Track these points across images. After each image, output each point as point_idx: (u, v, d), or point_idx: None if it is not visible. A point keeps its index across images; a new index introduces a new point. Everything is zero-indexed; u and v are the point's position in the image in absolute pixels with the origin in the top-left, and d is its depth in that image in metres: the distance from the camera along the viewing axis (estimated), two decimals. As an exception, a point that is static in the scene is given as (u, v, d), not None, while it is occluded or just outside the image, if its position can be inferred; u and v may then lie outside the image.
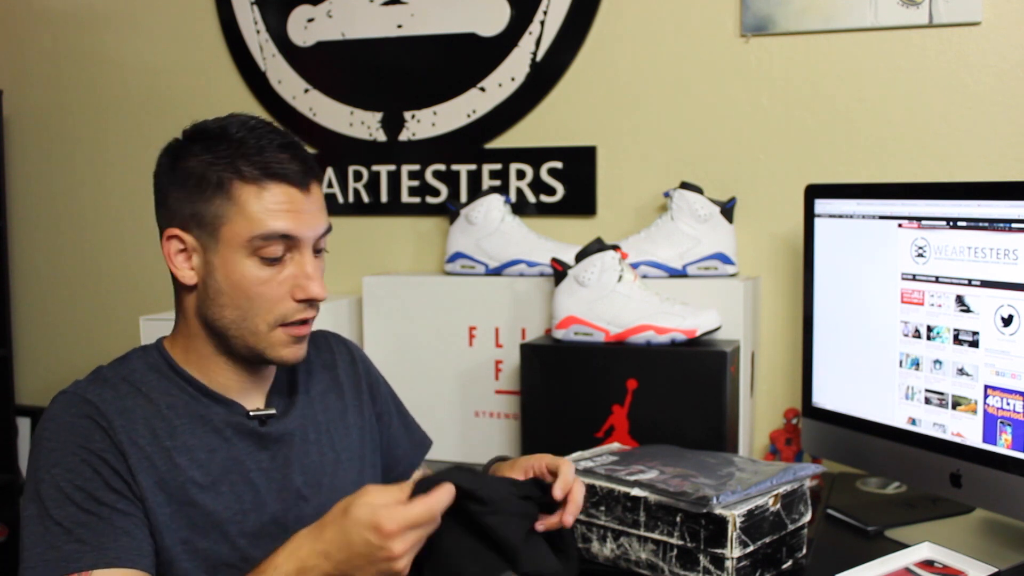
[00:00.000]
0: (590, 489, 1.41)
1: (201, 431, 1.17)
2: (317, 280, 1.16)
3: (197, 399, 1.18)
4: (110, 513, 1.08)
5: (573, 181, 2.08)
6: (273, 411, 1.23)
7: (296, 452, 1.23)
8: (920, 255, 1.50)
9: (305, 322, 1.18)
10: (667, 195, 1.91)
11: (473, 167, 2.16)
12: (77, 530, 1.06)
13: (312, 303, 1.17)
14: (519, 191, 2.12)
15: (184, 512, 1.13)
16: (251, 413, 1.21)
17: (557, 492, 1.13)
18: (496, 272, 1.99)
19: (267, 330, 1.15)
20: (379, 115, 2.22)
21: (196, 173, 1.13)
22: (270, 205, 1.12)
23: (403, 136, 2.21)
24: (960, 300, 1.44)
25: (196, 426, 1.17)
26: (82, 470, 1.09)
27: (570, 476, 1.14)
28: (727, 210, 1.87)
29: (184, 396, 1.18)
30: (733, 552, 1.29)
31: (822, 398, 1.69)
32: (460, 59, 2.15)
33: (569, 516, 1.13)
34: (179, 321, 1.21)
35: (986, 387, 1.42)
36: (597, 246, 1.76)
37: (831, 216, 1.65)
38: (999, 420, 1.40)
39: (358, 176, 2.25)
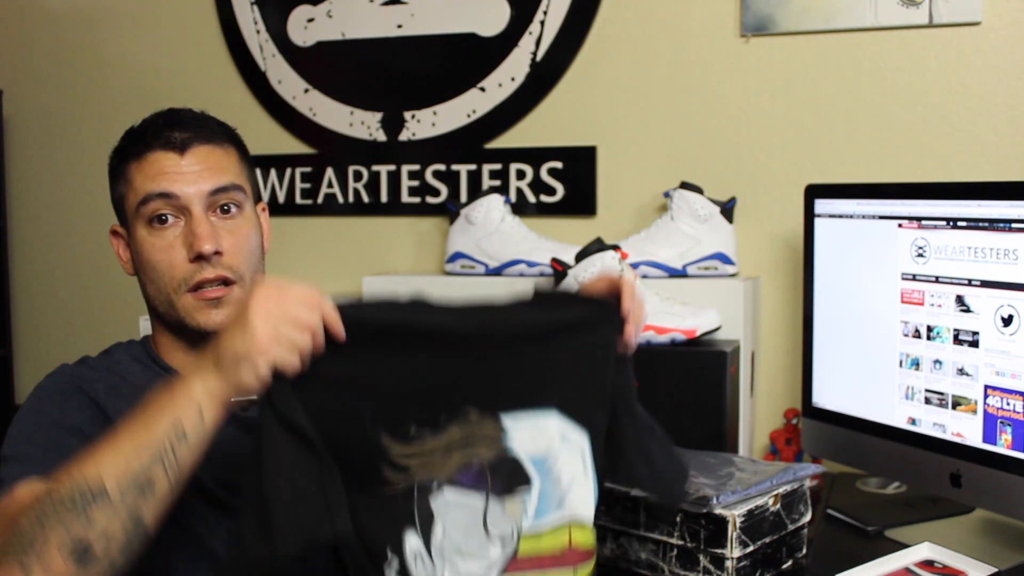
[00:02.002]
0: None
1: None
2: (206, 236, 1.16)
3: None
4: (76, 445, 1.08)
5: (573, 181, 2.08)
6: (254, 397, 1.23)
7: None
8: (920, 255, 1.50)
9: (214, 284, 1.17)
10: (667, 195, 1.91)
11: (473, 167, 2.16)
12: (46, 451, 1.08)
13: (205, 259, 1.16)
14: (519, 191, 2.12)
15: None
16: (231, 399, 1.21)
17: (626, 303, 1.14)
18: (496, 272, 1.99)
19: (177, 297, 1.18)
20: (379, 115, 2.22)
21: (111, 167, 1.23)
22: (148, 171, 1.18)
23: (403, 136, 2.21)
24: (960, 300, 1.44)
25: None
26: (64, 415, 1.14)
27: (628, 292, 1.15)
28: (727, 210, 1.87)
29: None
30: (733, 552, 1.29)
31: (822, 398, 1.69)
32: (460, 59, 2.15)
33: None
34: (151, 322, 1.27)
35: (986, 387, 1.42)
36: (597, 246, 1.76)
37: (831, 216, 1.65)
38: (999, 420, 1.40)
39: (358, 176, 2.25)
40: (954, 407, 1.46)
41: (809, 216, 1.69)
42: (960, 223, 1.44)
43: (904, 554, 1.35)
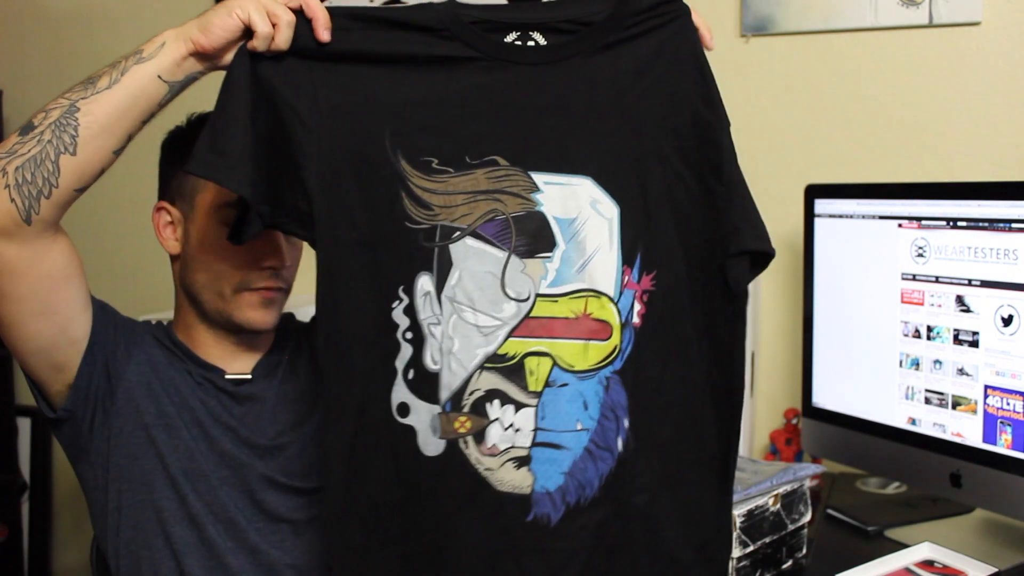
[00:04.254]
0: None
1: (183, 378, 1.26)
2: (285, 254, 1.23)
3: (184, 361, 1.27)
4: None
5: (573, 181, 2.08)
6: (249, 376, 1.29)
7: (270, 410, 1.28)
8: (920, 255, 1.50)
9: (271, 288, 1.25)
10: (667, 195, 1.91)
11: (473, 167, 2.15)
12: None
13: (274, 271, 1.24)
14: (519, 191, 2.12)
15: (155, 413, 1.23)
16: (226, 376, 1.28)
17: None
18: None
19: (232, 294, 1.24)
20: (379, 115, 2.22)
21: (180, 151, 1.25)
22: None
23: (403, 136, 2.20)
24: (960, 300, 1.44)
25: (180, 375, 1.26)
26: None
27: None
28: (727, 210, 1.87)
29: (174, 359, 1.27)
30: (733, 552, 1.29)
31: (822, 398, 1.69)
32: (460, 59, 2.14)
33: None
34: (175, 296, 1.31)
35: (986, 387, 1.42)
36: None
37: (831, 216, 1.65)
38: (999, 420, 1.40)
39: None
40: (954, 407, 1.46)
41: (809, 216, 1.69)
42: (960, 223, 1.44)
43: (904, 554, 1.35)
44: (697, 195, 1.11)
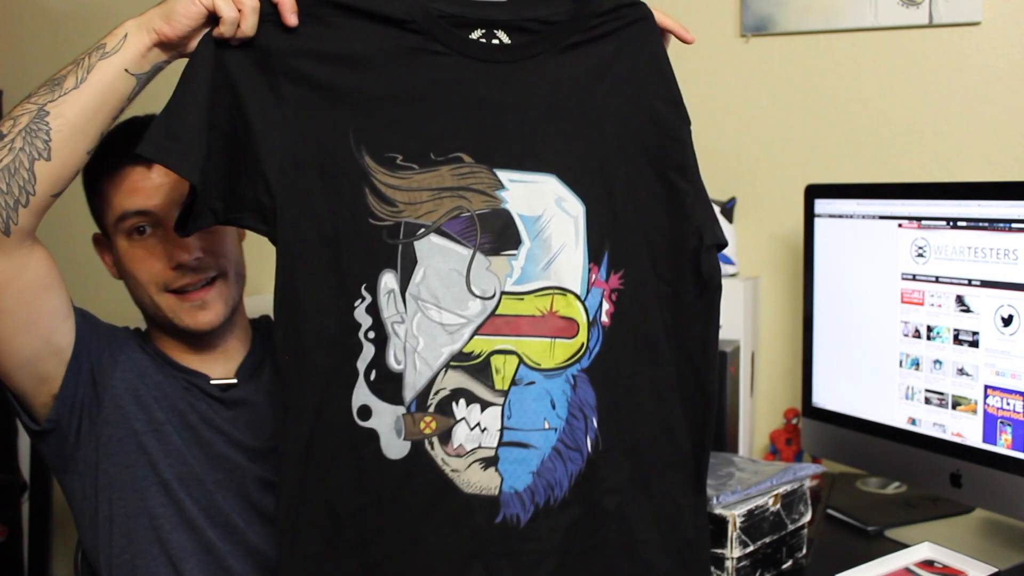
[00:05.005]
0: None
1: (170, 382, 1.26)
2: (185, 247, 1.21)
3: (166, 368, 1.27)
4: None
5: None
6: (234, 380, 1.29)
7: (261, 412, 1.28)
8: (920, 255, 1.50)
9: (197, 286, 1.23)
10: (667, 195, 1.91)
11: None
12: None
13: (186, 268, 1.22)
14: (519, 191, 2.11)
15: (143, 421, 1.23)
16: (211, 381, 1.28)
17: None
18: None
19: (160, 298, 1.23)
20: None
21: (85, 182, 1.26)
22: (121, 188, 1.22)
23: (403, 136, 2.20)
24: (960, 300, 1.44)
25: (167, 379, 1.26)
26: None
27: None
28: (727, 210, 1.87)
29: (155, 365, 1.27)
30: (733, 552, 1.29)
31: (822, 398, 1.69)
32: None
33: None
34: None
35: (986, 387, 1.42)
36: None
37: (831, 216, 1.65)
38: (999, 420, 1.40)
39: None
40: (954, 407, 1.46)
41: (809, 216, 1.69)
42: (960, 223, 1.44)
43: (904, 554, 1.35)
44: (661, 193, 1.11)
